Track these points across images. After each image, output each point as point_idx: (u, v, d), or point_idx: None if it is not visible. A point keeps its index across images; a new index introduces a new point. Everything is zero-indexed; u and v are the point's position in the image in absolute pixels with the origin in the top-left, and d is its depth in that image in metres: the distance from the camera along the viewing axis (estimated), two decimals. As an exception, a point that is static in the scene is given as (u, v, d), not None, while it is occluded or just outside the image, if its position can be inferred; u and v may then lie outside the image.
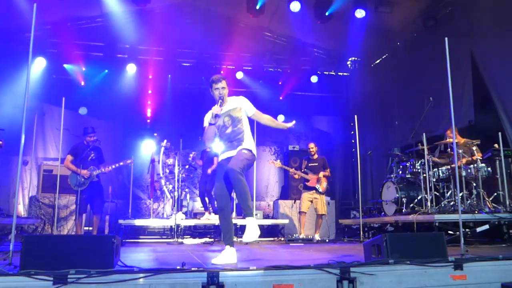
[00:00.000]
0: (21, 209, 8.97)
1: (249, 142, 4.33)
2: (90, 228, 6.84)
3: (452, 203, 6.62)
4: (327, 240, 7.87)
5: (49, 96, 9.53)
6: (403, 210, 7.33)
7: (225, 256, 4.04)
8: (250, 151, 4.24)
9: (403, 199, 7.46)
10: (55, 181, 6.40)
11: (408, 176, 7.57)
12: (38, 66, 10.10)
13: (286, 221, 8.78)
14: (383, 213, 8.06)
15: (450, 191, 6.93)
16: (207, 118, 4.40)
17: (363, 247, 3.77)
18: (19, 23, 9.02)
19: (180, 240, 7.28)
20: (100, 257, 3.16)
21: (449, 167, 6.98)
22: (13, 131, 6.53)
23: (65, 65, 10.66)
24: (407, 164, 7.61)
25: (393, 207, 7.68)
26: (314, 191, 7.92)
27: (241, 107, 4.57)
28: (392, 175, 8.07)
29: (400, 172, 7.79)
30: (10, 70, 9.50)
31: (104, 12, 9.69)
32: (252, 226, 4.11)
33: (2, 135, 6.04)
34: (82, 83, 10.86)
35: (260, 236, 7.72)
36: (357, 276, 3.04)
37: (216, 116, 4.24)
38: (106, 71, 10.90)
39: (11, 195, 9.40)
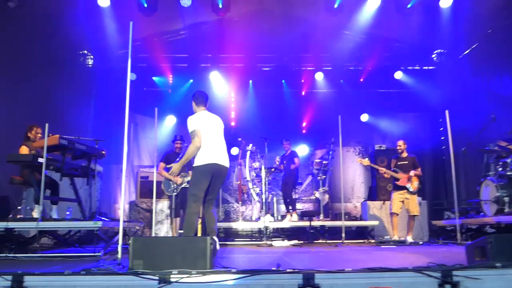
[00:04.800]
0: (121, 213, 9.65)
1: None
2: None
3: None
4: (420, 242, 7.52)
5: (140, 107, 10.16)
6: (505, 210, 6.79)
7: None
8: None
9: (504, 198, 6.89)
10: (151, 187, 6.82)
11: (510, 173, 6.99)
12: (130, 80, 10.83)
13: (376, 222, 8.53)
14: (482, 213, 7.53)
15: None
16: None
17: (465, 250, 3.57)
18: (113, 42, 9.77)
19: (269, 242, 7.38)
20: (199, 258, 3.32)
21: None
22: (111, 142, 7.11)
23: (154, 78, 11.34)
24: (508, 160, 7.03)
25: (493, 207, 7.14)
26: (405, 190, 7.61)
27: None
28: (490, 173, 7.51)
29: (500, 169, 7.21)
30: (106, 85, 10.32)
31: (187, 24, 10.15)
32: None
33: (104, 146, 6.55)
34: (170, 94, 11.47)
35: (348, 239, 7.67)
36: (461, 280, 2.88)
37: None
38: (191, 80, 11.40)
39: (112, 201, 10.17)
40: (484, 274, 2.93)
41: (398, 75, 11.50)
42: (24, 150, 5.86)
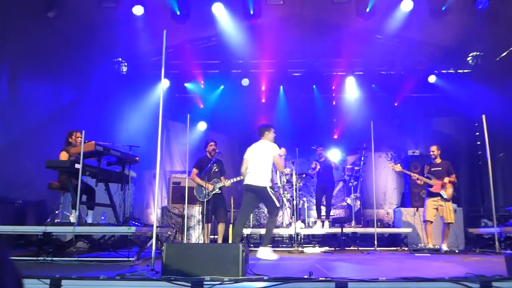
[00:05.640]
0: (153, 218, 9.82)
1: None
2: (216, 236, 7.23)
3: None
4: (456, 251, 7.31)
5: (172, 113, 10.32)
6: (547, 218, 6.53)
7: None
8: None
9: (546, 206, 6.64)
10: (183, 192, 6.91)
11: (551, 179, 6.73)
12: (163, 86, 11.02)
13: (409, 229, 8.34)
14: (522, 221, 7.26)
15: None
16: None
17: (505, 259, 3.44)
18: (145, 49, 10.00)
19: (300, 249, 7.34)
20: (232, 264, 3.34)
21: None
22: (145, 148, 7.27)
23: (186, 84, 11.50)
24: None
25: (534, 215, 6.88)
26: (439, 197, 7.42)
27: None
28: (530, 179, 7.24)
29: (541, 175, 6.95)
30: (139, 91, 10.55)
31: (218, 31, 10.26)
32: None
33: (137, 152, 6.69)
34: (201, 100, 11.61)
35: (380, 246, 7.54)
36: (501, 292, 2.79)
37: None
38: (222, 86, 11.50)
39: (144, 206, 10.36)
40: (525, 286, 2.83)
41: (432, 78, 11.25)
42: (63, 156, 6.05)
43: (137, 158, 6.41)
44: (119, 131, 9.88)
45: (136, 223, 6.14)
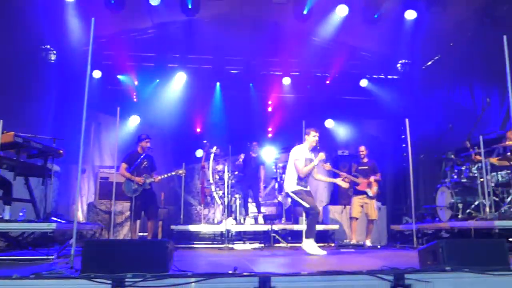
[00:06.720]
0: (80, 215, 9.41)
1: None
2: (145, 234, 7.06)
3: (513, 208, 6.27)
4: (378, 246, 7.69)
5: (104, 106, 9.91)
6: (459, 216, 7.03)
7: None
8: None
9: (458, 205, 7.15)
10: (111, 188, 6.67)
11: (464, 180, 7.25)
12: (94, 77, 10.57)
13: (336, 226, 8.66)
14: (437, 219, 7.77)
15: (511, 197, 6.57)
16: (301, 154, 6.25)
17: (417, 254, 3.66)
18: (78, 37, 9.51)
19: (230, 245, 7.36)
20: (155, 261, 3.26)
21: (509, 171, 6.63)
22: (72, 141, 6.91)
23: (119, 76, 11.10)
24: (463, 168, 7.29)
25: (448, 213, 7.39)
26: (364, 195, 7.77)
27: None
28: (446, 180, 7.77)
29: (455, 176, 7.47)
30: (68, 82, 10.03)
31: (155, 23, 10.01)
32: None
33: (62, 144, 6.35)
34: (135, 94, 11.27)
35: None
36: (412, 283, 2.96)
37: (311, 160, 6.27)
38: (158, 80, 11.22)
39: (70, 202, 9.88)
40: (435, 277, 3.02)
41: (364, 83, 11.73)
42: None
43: (61, 151, 6.08)
44: (44, 123, 9.33)
45: (58, 220, 5.83)
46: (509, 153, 6.78)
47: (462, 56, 9.60)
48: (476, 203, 6.91)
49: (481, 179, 6.64)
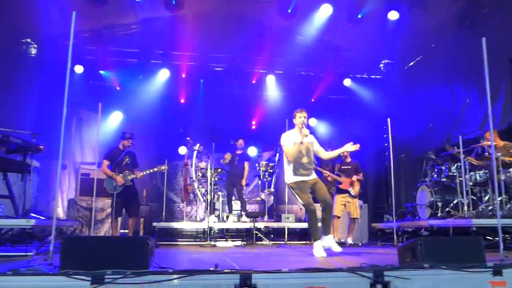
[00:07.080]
0: (60, 211, 9.27)
1: None
2: (126, 231, 7.00)
3: (490, 207, 6.41)
4: (360, 244, 7.77)
5: (86, 102, 9.79)
6: (438, 214, 7.16)
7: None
8: None
9: (438, 203, 7.28)
10: (92, 184, 6.60)
11: (444, 179, 7.38)
12: (76, 72, 10.43)
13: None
14: (417, 217, 7.90)
15: (488, 196, 6.71)
16: (287, 139, 5.52)
17: (397, 251, 3.71)
18: (59, 31, 9.35)
19: (212, 242, 7.35)
20: (136, 258, 3.23)
21: (486, 170, 6.77)
22: (53, 136, 6.80)
23: (101, 72, 10.96)
24: (442, 167, 7.42)
25: (427, 211, 7.51)
26: (347, 194, 7.84)
27: (313, 143, 5.74)
28: (426, 179, 7.89)
29: (435, 175, 7.60)
30: (50, 77, 9.85)
31: (139, 19, 9.91)
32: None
33: (42, 140, 6.25)
34: (118, 88, 11.14)
35: (292, 240, 7.78)
36: (391, 280, 2.99)
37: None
38: (140, 76, 11.12)
39: (51, 198, 9.73)
40: (413, 274, 3.06)
41: (347, 82, 11.82)
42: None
43: (41, 147, 5.98)
44: (24, 117, 9.16)
45: (38, 216, 5.74)
46: (487, 154, 6.92)
47: (443, 57, 9.76)
48: (455, 201, 7.04)
49: (460, 178, 6.77)
